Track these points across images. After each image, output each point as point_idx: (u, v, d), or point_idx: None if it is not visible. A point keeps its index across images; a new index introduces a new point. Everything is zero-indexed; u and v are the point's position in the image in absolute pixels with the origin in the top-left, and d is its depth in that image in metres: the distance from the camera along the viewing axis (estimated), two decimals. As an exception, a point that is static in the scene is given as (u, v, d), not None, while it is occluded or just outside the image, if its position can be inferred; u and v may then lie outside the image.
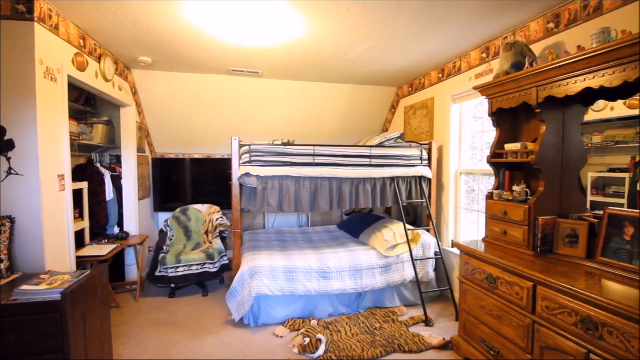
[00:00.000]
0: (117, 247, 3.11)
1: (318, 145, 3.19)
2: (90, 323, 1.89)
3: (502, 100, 2.35)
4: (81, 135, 3.26)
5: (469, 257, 2.37)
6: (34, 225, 2.14)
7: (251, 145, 3.05)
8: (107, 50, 3.12)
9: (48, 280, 1.78)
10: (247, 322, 2.92)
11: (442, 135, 3.64)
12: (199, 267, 3.48)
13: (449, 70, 3.50)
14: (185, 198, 4.52)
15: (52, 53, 2.30)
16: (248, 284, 2.87)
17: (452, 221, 3.55)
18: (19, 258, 2.12)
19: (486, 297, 2.18)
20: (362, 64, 3.55)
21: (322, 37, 2.84)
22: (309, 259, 3.12)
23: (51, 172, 2.28)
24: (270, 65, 3.60)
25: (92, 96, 3.67)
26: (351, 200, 3.26)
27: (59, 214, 2.37)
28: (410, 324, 2.93)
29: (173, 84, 3.91)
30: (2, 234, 2.01)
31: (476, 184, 3.38)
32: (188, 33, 2.75)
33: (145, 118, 4.15)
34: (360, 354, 2.44)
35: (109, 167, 3.65)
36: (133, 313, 3.15)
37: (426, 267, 3.34)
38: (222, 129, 4.40)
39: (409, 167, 3.44)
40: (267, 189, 3.05)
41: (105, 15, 2.43)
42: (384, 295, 3.26)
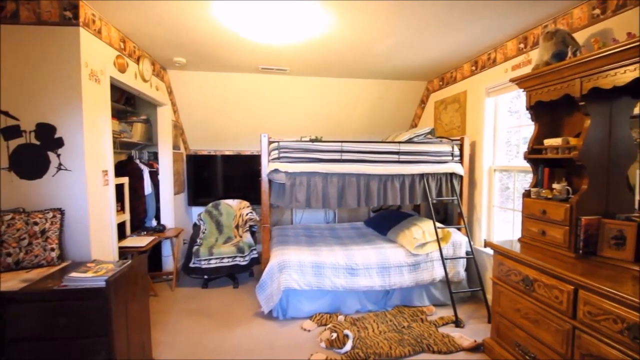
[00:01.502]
0: (155, 239, 3.29)
1: (345, 142, 3.18)
2: (132, 310, 2.02)
3: (541, 93, 2.22)
4: (122, 133, 3.46)
5: (503, 258, 2.28)
6: (81, 217, 2.31)
7: (280, 141, 3.10)
8: (145, 52, 3.28)
9: (94, 268, 1.92)
10: (276, 315, 2.99)
11: (475, 130, 3.50)
12: (230, 260, 3.60)
13: (482, 62, 3.35)
14: (216, 193, 4.68)
15: (95, 56, 2.45)
16: (277, 277, 2.93)
17: (485, 220, 3.42)
18: (68, 247, 2.31)
19: (522, 300, 2.09)
20: (389, 58, 3.48)
21: (349, 33, 2.82)
22: (336, 254, 3.13)
23: (96, 167, 2.45)
24: (298, 62, 3.62)
25: (131, 96, 3.88)
26: (379, 197, 3.22)
27: (103, 207, 2.54)
28: (440, 324, 2.87)
29: (205, 83, 4.05)
30: (53, 225, 2.19)
31: (511, 182, 3.23)
32: (219, 33, 2.83)
33: (180, 116, 4.33)
34: (387, 351, 2.42)
35: (147, 163, 3.86)
36: (169, 302, 3.33)
37: (457, 267, 3.25)
38: (251, 126, 4.50)
39: (439, 163, 3.35)
40: (295, 184, 3.08)
41: (143, 18, 2.55)
42: (412, 293, 3.21)
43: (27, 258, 2.08)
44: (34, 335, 1.76)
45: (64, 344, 1.77)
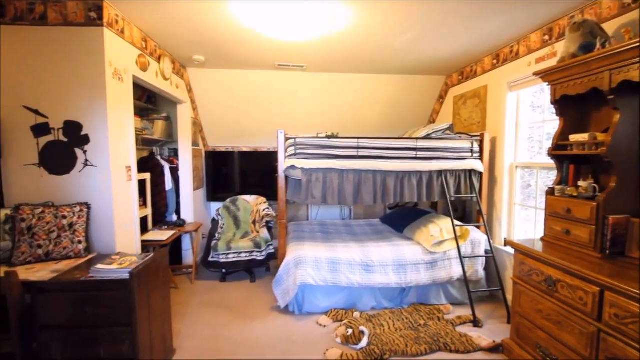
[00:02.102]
0: (176, 233, 3.39)
1: (362, 138, 3.16)
2: (154, 301, 2.09)
3: (567, 86, 2.14)
4: (144, 131, 3.57)
5: (525, 257, 2.22)
6: (106, 211, 2.41)
7: (296, 138, 3.12)
8: (166, 51, 3.36)
9: (118, 260, 2.00)
10: (292, 310, 3.03)
11: (495, 126, 3.40)
12: (247, 255, 3.66)
13: (504, 56, 3.25)
14: (234, 189, 4.76)
15: (119, 55, 2.53)
16: (293, 273, 2.96)
17: (505, 218, 3.33)
18: (94, 240, 2.41)
19: (544, 301, 2.03)
20: (407, 53, 3.43)
21: (367, 28, 2.79)
22: (352, 251, 3.13)
23: (120, 163, 2.54)
24: (314, 59, 3.62)
25: (152, 94, 3.98)
26: (395, 194, 3.19)
27: (127, 202, 2.64)
28: (457, 323, 2.83)
29: (223, 81, 4.11)
30: (80, 219, 2.29)
31: (533, 179, 3.13)
32: (237, 31, 2.86)
33: (199, 113, 4.41)
34: (403, 349, 2.41)
35: (167, 159, 3.97)
36: (189, 294, 3.42)
37: (475, 266, 3.19)
38: (268, 122, 4.53)
39: (458, 159, 3.28)
40: (311, 181, 3.10)
41: (163, 18, 2.61)
42: (429, 291, 3.18)
43: (56, 250, 2.18)
44: (62, 323, 1.85)
45: (90, 332, 1.86)
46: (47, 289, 1.83)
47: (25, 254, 2.10)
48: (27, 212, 2.15)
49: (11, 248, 2.12)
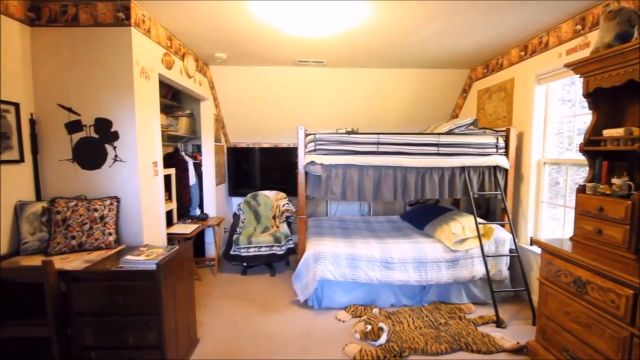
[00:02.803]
0: (199, 227, 3.49)
1: (382, 133, 3.13)
2: (179, 291, 2.17)
3: (601, 79, 2.03)
4: (169, 127, 3.68)
5: (552, 257, 2.14)
6: (134, 204, 2.51)
7: (316, 134, 3.12)
8: (189, 49, 3.44)
9: (146, 252, 2.08)
10: (311, 304, 3.06)
11: (522, 120, 3.28)
12: (268, 249, 3.72)
13: (533, 47, 3.11)
14: (255, 184, 4.83)
15: (145, 54, 2.61)
16: (312, 268, 2.99)
17: (532, 216, 3.21)
18: (123, 232, 2.52)
19: (572, 303, 1.95)
20: (430, 46, 3.35)
21: (388, 21, 2.75)
22: (371, 247, 3.12)
23: (147, 159, 2.63)
24: (335, 54, 3.60)
25: (177, 91, 4.10)
26: (416, 191, 3.15)
27: (153, 196, 2.74)
28: (479, 323, 2.77)
29: (244, 78, 4.16)
30: (110, 212, 2.40)
31: (561, 176, 3.00)
32: (257, 29, 2.89)
33: (221, 110, 4.50)
34: (423, 347, 2.39)
35: (191, 155, 4.08)
36: (211, 286, 3.53)
37: (499, 265, 3.10)
38: (288, 118, 4.56)
39: (482, 155, 3.19)
40: (331, 177, 3.10)
41: (187, 17, 2.67)
42: (450, 290, 3.12)
43: (89, 241, 2.30)
44: (94, 310, 1.95)
45: (120, 319, 1.96)
46: (80, 278, 1.94)
47: (60, 245, 2.22)
48: (61, 205, 2.28)
49: (47, 239, 2.25)
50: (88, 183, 2.48)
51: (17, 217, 2.22)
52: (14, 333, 1.95)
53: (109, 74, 2.43)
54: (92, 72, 2.43)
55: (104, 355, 1.98)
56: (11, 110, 2.22)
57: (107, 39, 2.42)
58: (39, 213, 2.27)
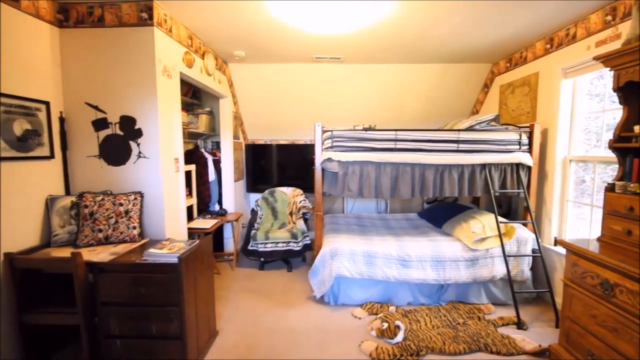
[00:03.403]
0: (218, 222, 3.57)
1: (400, 130, 3.09)
2: (199, 284, 2.23)
3: (633, 72, 1.93)
4: (190, 124, 3.77)
5: (578, 258, 2.06)
6: (157, 199, 2.59)
7: (333, 130, 3.12)
8: (209, 48, 3.49)
9: (168, 245, 2.15)
10: (327, 300, 3.07)
11: (547, 116, 3.16)
12: (284, 245, 3.76)
13: (559, 39, 2.99)
14: (272, 181, 4.89)
15: (167, 53, 2.67)
16: (329, 264, 3.00)
17: (556, 215, 3.10)
18: (146, 226, 2.60)
19: (598, 306, 1.88)
20: (450, 40, 3.27)
21: (406, 17, 2.70)
22: (388, 245, 3.10)
23: (169, 155, 2.71)
24: (352, 50, 3.58)
25: (197, 89, 4.18)
26: (435, 188, 3.10)
27: (175, 191, 2.81)
28: (499, 324, 2.71)
29: (262, 75, 4.20)
30: (134, 206, 2.48)
31: (588, 174, 2.88)
32: (275, 26, 2.90)
33: (239, 107, 4.56)
34: (441, 347, 2.36)
35: (210, 152, 4.17)
36: (230, 280, 3.60)
37: (521, 265, 3.02)
38: (305, 115, 4.58)
39: (504, 152, 3.10)
40: (347, 174, 3.09)
41: (207, 15, 2.71)
42: (468, 290, 3.07)
43: (114, 234, 2.39)
44: (119, 301, 2.03)
45: (143, 310, 2.03)
46: (107, 270, 2.02)
47: (88, 237, 2.32)
48: (89, 199, 2.37)
49: (76, 231, 2.35)
50: (113, 178, 2.57)
51: (48, 211, 2.33)
52: (44, 321, 2.06)
53: (132, 72, 2.50)
54: (116, 71, 2.51)
55: (129, 344, 2.05)
56: (42, 108, 2.33)
57: (131, 38, 2.49)
58: (68, 207, 2.38)
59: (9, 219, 2.08)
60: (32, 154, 2.24)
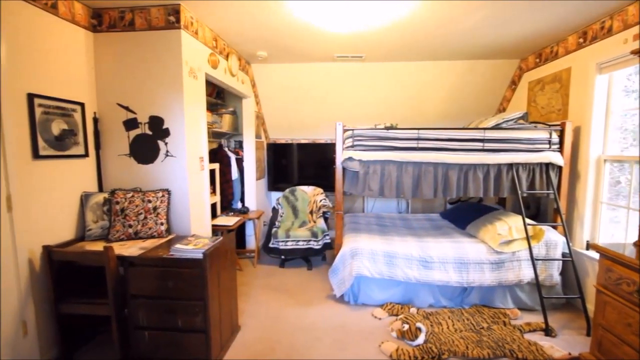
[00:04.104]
0: (240, 220, 3.64)
1: (422, 129, 3.04)
2: (223, 280, 2.29)
3: (678, 67, 1.81)
4: (214, 124, 3.86)
5: (612, 263, 1.96)
6: (183, 197, 2.68)
7: (354, 129, 3.11)
8: (233, 49, 3.56)
9: (193, 241, 2.22)
10: (347, 299, 3.07)
11: (580, 113, 3.02)
12: (305, 243, 3.79)
13: (594, 33, 2.85)
14: (293, 179, 4.93)
15: (193, 54, 2.75)
16: (349, 263, 3.00)
17: (589, 218, 2.96)
18: (173, 222, 2.69)
19: (635, 314, 1.78)
20: (475, 36, 3.18)
21: (430, 13, 2.65)
22: (409, 245, 3.06)
23: (194, 154, 2.79)
24: (374, 48, 3.55)
25: (221, 90, 4.27)
26: (458, 188, 3.03)
27: (200, 189, 2.89)
28: (526, 330, 2.62)
29: (284, 75, 4.24)
30: (162, 203, 2.58)
31: (624, 174, 2.73)
32: (298, 26, 2.92)
33: (261, 107, 4.63)
34: (464, 351, 2.31)
35: (233, 151, 4.26)
36: (251, 276, 3.67)
37: (550, 269, 2.90)
38: (326, 114, 4.59)
39: (532, 152, 2.99)
40: (368, 173, 3.08)
41: (232, 17, 2.77)
42: (493, 293, 2.98)
43: (143, 230, 2.49)
44: (148, 293, 2.12)
45: (170, 303, 2.10)
46: (136, 263, 2.11)
47: (119, 232, 2.44)
48: (120, 196, 2.49)
49: (108, 226, 2.47)
50: (143, 176, 2.68)
51: (83, 206, 2.46)
52: (78, 310, 2.18)
53: (161, 74, 2.60)
54: (146, 73, 2.61)
55: (156, 336, 2.14)
56: (78, 109, 2.46)
57: (160, 41, 2.58)
58: (101, 203, 2.50)
59: (47, 214, 2.21)
60: (69, 152, 2.37)
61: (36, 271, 2.13)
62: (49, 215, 2.23)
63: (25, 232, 2.05)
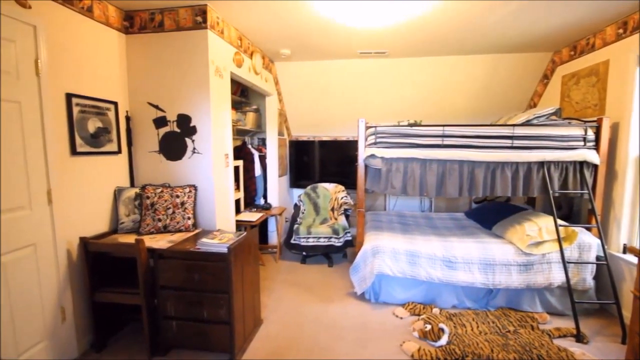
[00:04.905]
0: (263, 215, 3.70)
1: (448, 125, 2.97)
2: (246, 274, 2.34)
3: None
4: (238, 122, 3.94)
5: (652, 267, 1.85)
6: (208, 192, 2.75)
7: (377, 126, 3.08)
8: (257, 47, 3.61)
9: (218, 236, 2.28)
10: (368, 297, 3.07)
11: (618, 109, 2.85)
12: (326, 240, 3.81)
13: (635, 23, 2.67)
14: (314, 177, 4.96)
15: (219, 54, 2.81)
16: (370, 261, 2.99)
17: (627, 220, 2.79)
18: (199, 217, 2.78)
19: (677, 322, 1.67)
20: (504, 29, 3.06)
21: (457, 5, 2.58)
22: (432, 245, 3.01)
23: (220, 151, 2.86)
24: (397, 44, 3.50)
25: (245, 88, 4.35)
26: (485, 187, 2.94)
27: (224, 185, 2.97)
28: (555, 335, 2.51)
29: (307, 72, 4.26)
30: (189, 198, 2.66)
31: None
32: (321, 23, 2.92)
33: (284, 105, 4.68)
34: (488, 354, 2.25)
35: (256, 148, 4.33)
36: (273, 271, 3.73)
37: (582, 273, 2.77)
38: (348, 111, 4.57)
39: (566, 149, 2.85)
40: (391, 170, 3.04)
41: (256, 16, 2.81)
42: (521, 296, 2.88)
43: (172, 224, 2.59)
44: (175, 285, 2.20)
45: (197, 295, 2.18)
46: (165, 256, 2.20)
47: (149, 226, 2.54)
48: (150, 191, 2.59)
49: (139, 220, 2.58)
50: (171, 172, 2.78)
51: (116, 201, 2.58)
52: (111, 299, 2.29)
53: (189, 73, 2.68)
54: (174, 72, 2.70)
55: (183, 326, 2.22)
56: (111, 108, 2.58)
57: (187, 41, 2.66)
58: (132, 197, 2.62)
59: (83, 207, 2.34)
60: (103, 149, 2.49)
61: (73, 261, 2.26)
62: (85, 209, 2.36)
63: (64, 224, 2.18)
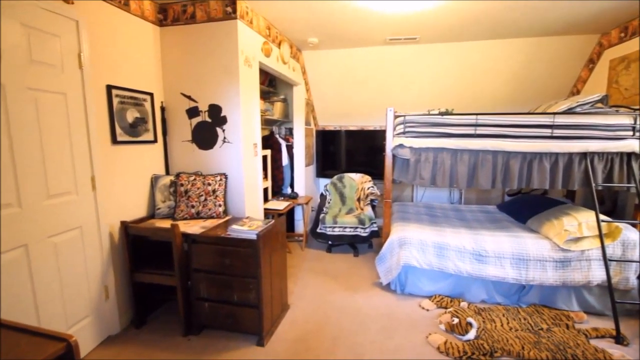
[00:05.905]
0: (290, 204, 3.77)
1: (481, 114, 2.84)
2: (274, 260, 2.41)
3: None
4: (266, 112, 3.99)
5: None
6: (238, 181, 2.83)
7: (405, 115, 3.01)
8: (285, 36, 3.61)
9: (247, 223, 2.35)
10: (394, 288, 3.06)
11: (677, 96, 2.60)
12: (352, 230, 3.82)
13: (703, 0, 2.40)
14: (340, 166, 4.95)
15: (248, 44, 2.84)
16: (397, 252, 2.96)
17: (681, 216, 2.58)
18: (229, 204, 2.87)
19: None
20: (546, 10, 2.86)
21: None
22: (462, 237, 2.93)
23: (249, 141, 2.92)
24: (429, 29, 3.37)
25: (273, 77, 4.38)
26: (520, 179, 2.81)
27: (253, 174, 3.04)
28: (592, 335, 2.40)
29: (334, 61, 4.22)
30: (220, 186, 2.75)
31: None
32: (349, 9, 2.87)
33: (311, 94, 4.67)
34: (519, 351, 2.19)
35: (284, 137, 4.37)
36: (300, 259, 3.80)
37: (625, 272, 2.60)
38: (376, 100, 4.49)
39: (612, 139, 2.65)
40: (420, 161, 2.97)
41: (284, 5, 2.80)
42: (556, 293, 2.76)
43: (204, 210, 2.69)
44: (208, 268, 2.30)
45: (227, 278, 2.27)
46: (198, 240, 2.30)
47: (183, 212, 2.66)
48: (184, 179, 2.70)
49: (174, 206, 2.71)
50: (203, 161, 2.88)
51: (153, 188, 2.72)
52: (149, 280, 2.44)
53: (219, 64, 2.73)
54: (206, 63, 2.76)
55: (215, 307, 2.33)
56: (148, 99, 2.69)
57: (218, 32, 2.70)
58: (167, 185, 2.74)
59: (123, 193, 2.49)
60: (141, 138, 2.62)
61: (115, 244, 2.42)
62: (125, 195, 2.50)
63: (106, 208, 2.33)
